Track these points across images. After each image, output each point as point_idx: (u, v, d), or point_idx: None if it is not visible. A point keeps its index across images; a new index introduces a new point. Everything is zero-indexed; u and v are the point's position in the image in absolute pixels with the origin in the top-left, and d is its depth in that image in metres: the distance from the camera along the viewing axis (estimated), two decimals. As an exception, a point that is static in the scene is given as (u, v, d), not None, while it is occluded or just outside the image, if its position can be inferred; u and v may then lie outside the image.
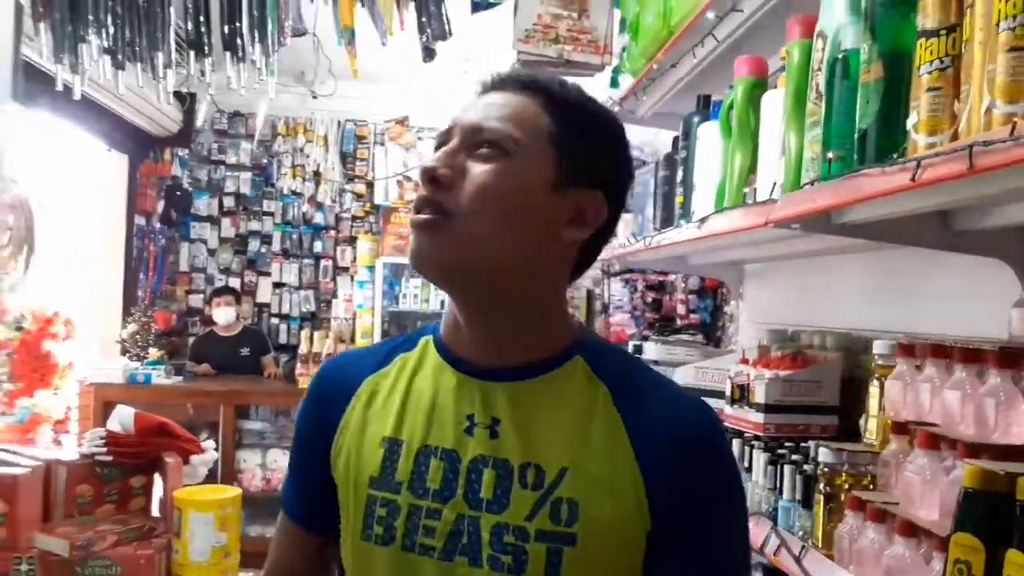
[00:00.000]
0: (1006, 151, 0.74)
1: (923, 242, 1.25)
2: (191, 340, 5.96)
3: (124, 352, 5.37)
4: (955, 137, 0.88)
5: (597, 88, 3.14)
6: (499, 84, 0.88)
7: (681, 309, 6.20)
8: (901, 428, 1.00)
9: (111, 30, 2.66)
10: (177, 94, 5.25)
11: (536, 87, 0.86)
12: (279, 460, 5.28)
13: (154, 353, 5.31)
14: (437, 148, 0.86)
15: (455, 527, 0.81)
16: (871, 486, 1.08)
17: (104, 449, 2.95)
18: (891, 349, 1.12)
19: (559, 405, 0.83)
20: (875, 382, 1.15)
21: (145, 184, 6.15)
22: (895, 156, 0.94)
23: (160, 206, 6.17)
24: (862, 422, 1.20)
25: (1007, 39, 0.79)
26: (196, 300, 6.41)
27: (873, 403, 1.15)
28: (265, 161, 6.44)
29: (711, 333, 5.36)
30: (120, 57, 2.74)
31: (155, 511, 3.15)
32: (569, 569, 0.78)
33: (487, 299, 0.84)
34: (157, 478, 3.22)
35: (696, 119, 1.78)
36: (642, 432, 0.81)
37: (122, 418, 3.11)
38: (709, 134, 1.67)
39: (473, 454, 0.83)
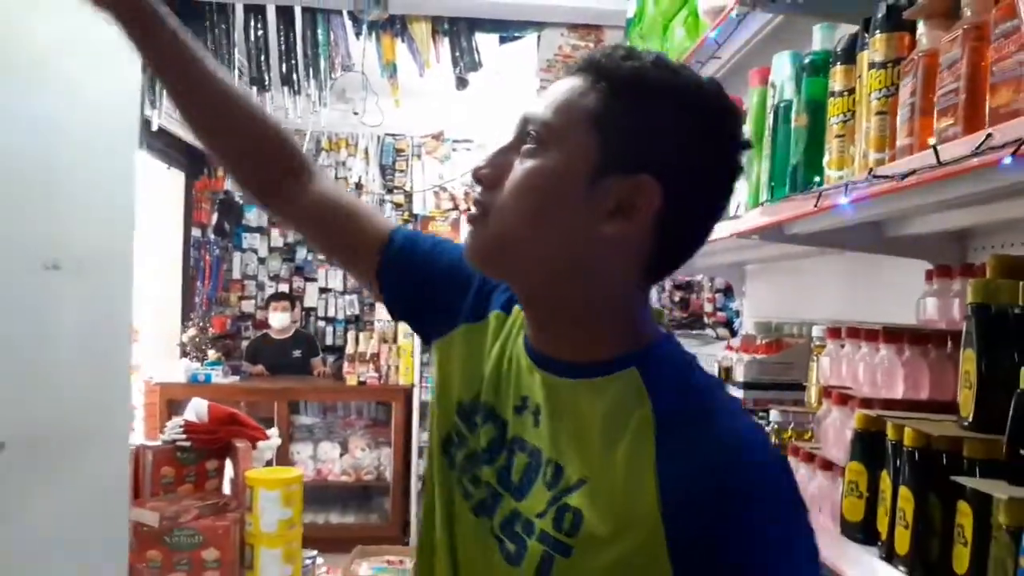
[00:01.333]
0: (866, 188, 1.06)
1: (860, 247, 1.56)
2: (244, 343, 6.40)
3: (184, 354, 5.81)
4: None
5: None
6: (576, 69, 0.81)
7: (708, 307, 6.45)
8: (826, 392, 1.32)
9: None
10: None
11: (591, 64, 0.79)
12: (328, 452, 5.67)
13: (212, 355, 5.75)
14: None
15: (488, 490, 0.82)
16: (811, 439, 1.39)
17: (184, 436, 3.37)
18: (823, 332, 1.43)
19: (595, 413, 0.77)
20: (814, 359, 1.46)
21: (200, 199, 6.61)
22: (811, 186, 1.26)
23: (214, 219, 6.62)
24: (807, 391, 1.51)
25: (875, 106, 1.11)
26: (248, 305, 6.86)
27: (812, 375, 1.46)
28: (310, 174, 6.86)
29: (734, 329, 5.62)
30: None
31: (226, 490, 3.58)
32: None
33: (529, 294, 0.82)
34: (227, 462, 3.66)
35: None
36: (673, 467, 0.71)
37: (197, 409, 3.53)
38: (698, 157, 1.99)
39: (514, 433, 0.82)
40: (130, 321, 1.72)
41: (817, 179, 1.29)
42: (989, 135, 0.78)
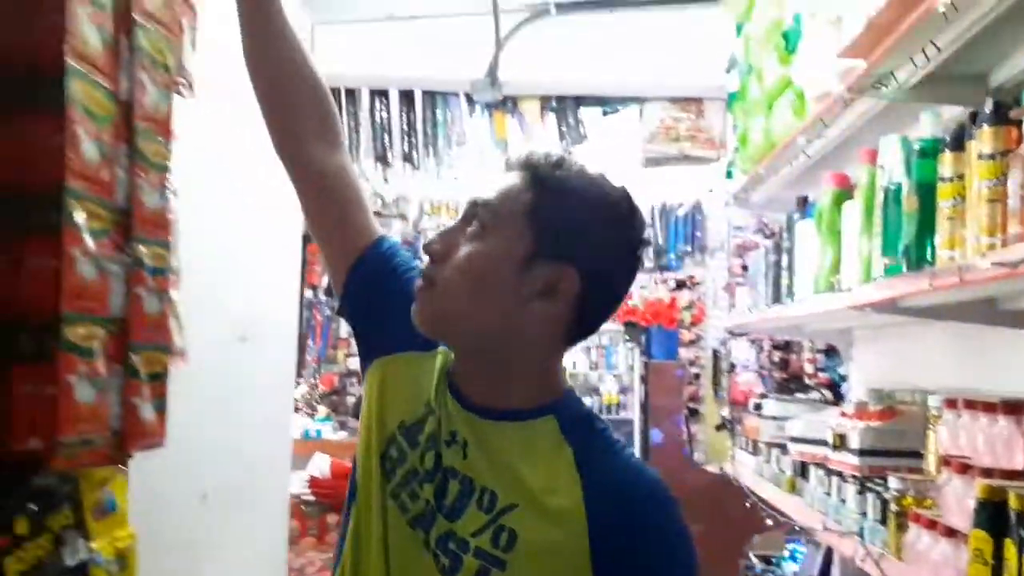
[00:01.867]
0: (987, 271, 1.14)
1: (975, 320, 1.61)
2: (350, 399, 6.66)
3: (296, 410, 6.11)
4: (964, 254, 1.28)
5: (712, 176, 3.57)
6: (514, 166, 0.96)
7: (809, 368, 6.32)
8: (946, 461, 1.37)
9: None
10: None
11: (527, 165, 0.94)
12: (430, 508, 5.81)
13: (322, 411, 6.03)
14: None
15: (424, 508, 0.91)
16: (931, 506, 1.44)
17: (308, 491, 3.58)
18: (941, 402, 1.48)
19: (523, 450, 0.92)
20: (932, 428, 1.51)
21: (312, 260, 7.01)
22: (923, 264, 1.35)
23: (324, 280, 7.00)
24: (926, 459, 1.56)
25: (985, 194, 1.20)
26: (354, 363, 7.16)
27: (931, 444, 1.51)
28: (414, 237, 7.19)
29: (839, 392, 5.49)
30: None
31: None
32: None
33: (465, 353, 0.96)
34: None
35: (796, 216, 2.20)
36: (597, 498, 0.89)
37: (320, 465, 3.75)
38: (806, 229, 2.08)
39: (448, 463, 0.93)
40: (292, 384, 1.93)
41: (929, 258, 1.37)
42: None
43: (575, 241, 0.92)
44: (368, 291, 1.03)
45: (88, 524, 0.84)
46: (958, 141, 1.32)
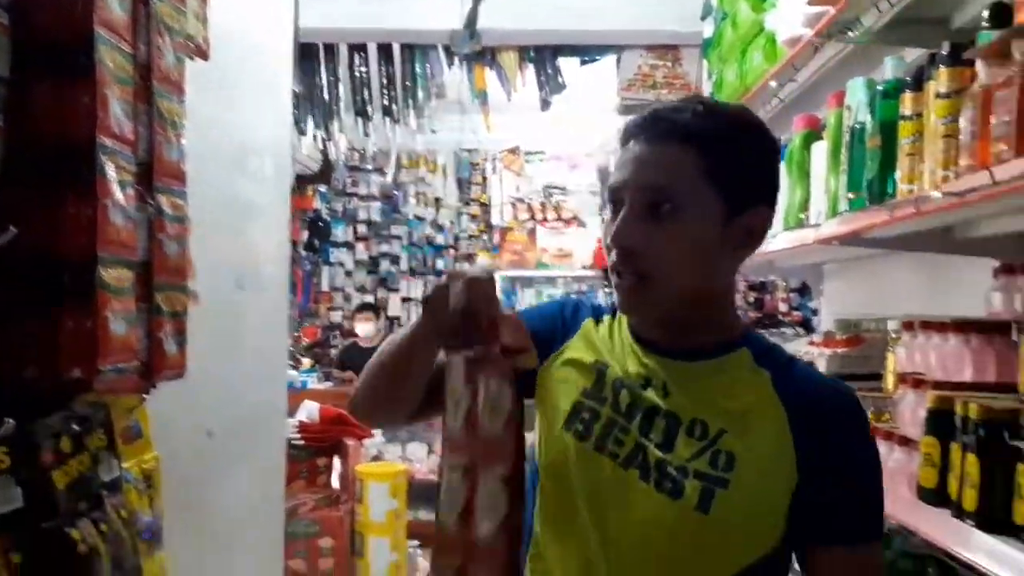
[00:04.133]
0: (940, 201, 1.24)
1: (933, 249, 1.73)
2: (332, 351, 6.77)
3: (282, 363, 6.19)
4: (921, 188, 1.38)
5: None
6: (646, 134, 0.95)
7: (783, 307, 6.51)
8: (902, 378, 1.49)
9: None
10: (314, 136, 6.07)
11: (681, 131, 0.94)
12: (416, 452, 5.95)
13: (306, 363, 6.12)
14: (612, 203, 0.98)
15: (634, 446, 0.96)
16: (888, 419, 1.57)
17: (298, 436, 3.69)
18: (899, 326, 1.60)
19: (725, 383, 0.97)
20: (891, 350, 1.63)
21: (293, 217, 7.03)
22: (886, 199, 1.45)
23: (304, 235, 7.03)
24: (884, 378, 1.68)
25: (941, 130, 1.29)
26: (336, 316, 7.25)
27: (889, 364, 1.63)
28: (392, 190, 7.22)
29: (812, 327, 5.67)
30: (302, 125, 3.49)
31: (334, 484, 3.88)
32: (719, 505, 0.92)
33: (673, 316, 0.99)
34: (335, 459, 3.95)
35: (768, 158, 2.29)
36: (796, 408, 0.95)
37: (309, 411, 3.86)
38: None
39: (648, 403, 0.97)
40: (286, 333, 2.01)
41: (890, 192, 1.47)
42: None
43: (758, 184, 0.98)
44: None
45: (118, 447, 0.93)
46: (918, 82, 1.41)
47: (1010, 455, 1.10)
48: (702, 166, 0.93)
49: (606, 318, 1.06)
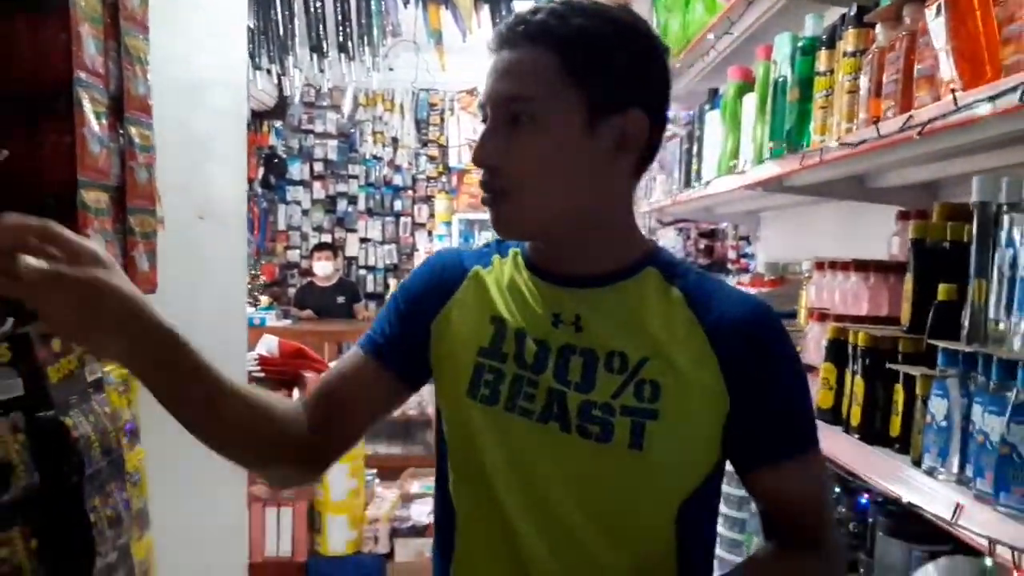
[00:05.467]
0: (836, 151, 1.38)
1: (847, 196, 1.89)
2: (291, 290, 6.84)
3: (239, 300, 6.24)
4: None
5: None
6: (506, 40, 0.89)
7: (732, 254, 6.75)
8: (811, 313, 1.66)
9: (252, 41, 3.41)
10: (268, 71, 6.02)
11: (538, 32, 0.87)
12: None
13: (264, 300, 6.18)
14: (483, 119, 0.92)
15: (548, 398, 0.90)
16: (800, 351, 1.75)
17: (258, 368, 3.79)
18: (811, 266, 1.77)
19: (636, 307, 0.92)
20: (803, 287, 1.81)
21: (247, 153, 6.99)
22: (800, 148, 1.59)
23: (260, 173, 7.01)
24: (798, 314, 1.86)
25: (847, 86, 1.43)
26: (293, 255, 7.28)
27: (802, 301, 1.81)
28: (349, 129, 7.21)
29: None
30: (257, 60, 3.50)
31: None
32: (652, 439, 0.87)
33: (556, 237, 0.94)
34: (295, 392, 4.08)
35: (706, 107, 2.42)
36: (714, 325, 0.90)
37: (268, 345, 3.95)
38: (714, 119, 2.30)
39: (560, 343, 0.91)
40: (245, 267, 2.10)
41: (806, 143, 1.61)
42: (910, 116, 1.10)
43: (627, 82, 0.89)
44: (416, 357, 0.99)
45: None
46: (831, 40, 1.54)
47: (889, 378, 1.27)
48: (558, 66, 0.87)
49: (495, 259, 0.99)
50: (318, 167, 7.27)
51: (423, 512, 3.74)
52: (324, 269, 6.25)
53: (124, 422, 0.98)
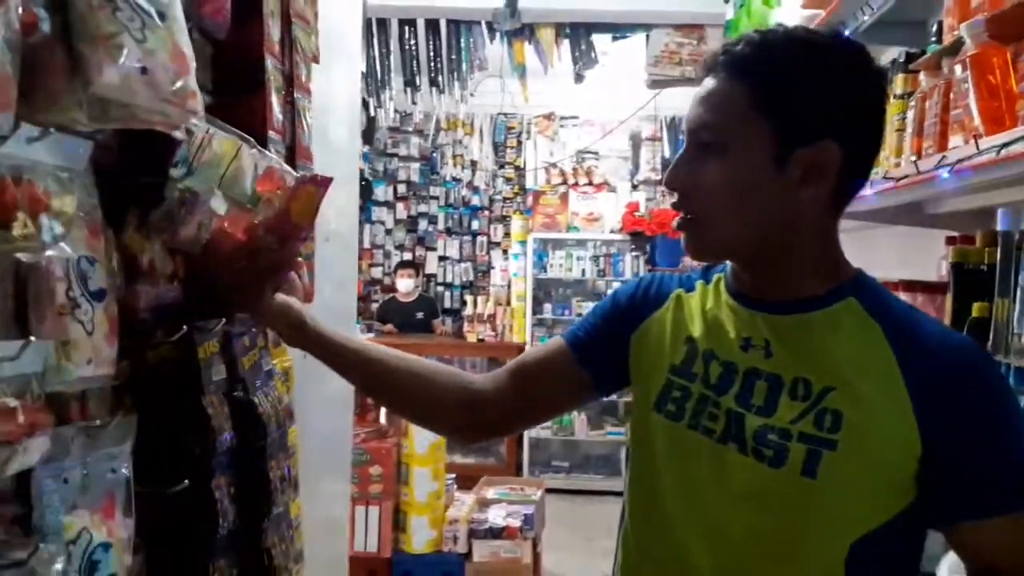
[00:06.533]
0: (882, 184, 1.55)
1: (906, 222, 2.04)
2: (374, 305, 7.19)
3: (327, 314, 6.60)
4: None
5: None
6: (710, 68, 0.91)
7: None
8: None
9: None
10: (364, 102, 6.41)
11: (734, 63, 0.88)
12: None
13: (349, 315, 6.53)
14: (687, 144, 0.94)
15: (727, 419, 0.91)
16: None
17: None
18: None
19: (828, 336, 0.89)
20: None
21: (335, 176, 7.39)
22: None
23: (347, 194, 7.39)
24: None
25: (896, 125, 1.60)
26: (376, 272, 7.65)
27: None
28: (431, 153, 7.56)
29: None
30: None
31: (382, 419, 4.28)
32: (827, 469, 0.84)
33: (752, 261, 0.94)
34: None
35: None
36: (912, 365, 0.85)
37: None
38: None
39: (747, 366, 0.92)
40: (355, 285, 2.37)
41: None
42: (943, 156, 1.28)
43: (816, 114, 0.87)
44: (601, 361, 1.06)
45: (270, 349, 1.29)
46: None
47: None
48: (750, 98, 0.87)
49: (698, 284, 1.03)
50: (401, 188, 7.64)
51: (499, 516, 3.95)
52: (406, 286, 6.56)
53: (285, 404, 1.24)
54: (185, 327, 0.98)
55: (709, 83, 0.91)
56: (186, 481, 0.93)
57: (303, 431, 1.43)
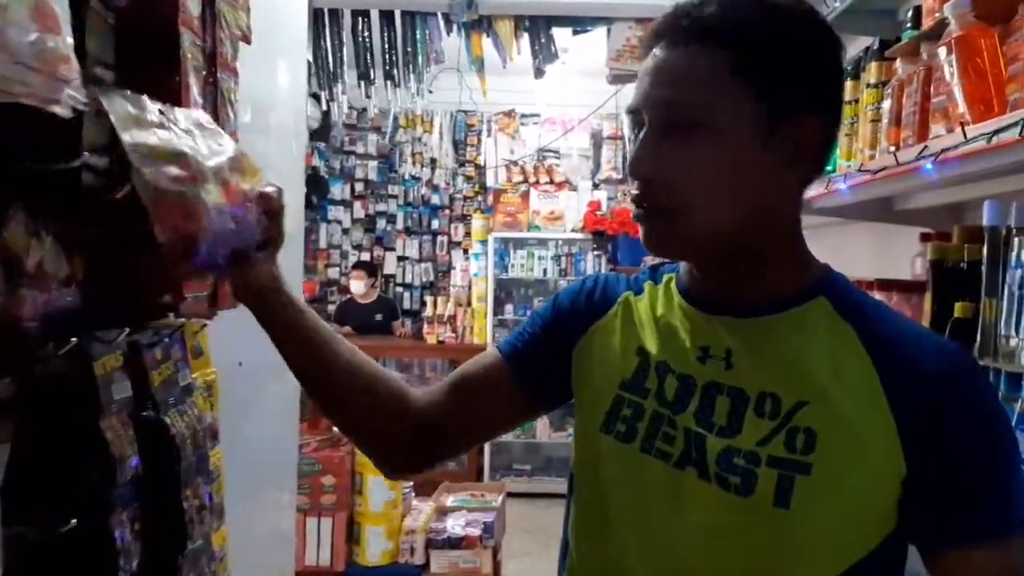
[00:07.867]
0: (858, 176, 1.47)
1: (875, 218, 1.96)
2: (330, 306, 7.01)
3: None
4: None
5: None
6: (664, 39, 0.79)
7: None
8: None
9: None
10: (315, 95, 6.23)
11: (706, 28, 0.76)
12: (411, 405, 6.25)
13: (305, 317, 6.36)
14: (632, 125, 0.82)
15: (686, 440, 0.80)
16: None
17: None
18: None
19: (797, 342, 0.79)
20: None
21: (291, 174, 7.21)
22: (827, 173, 1.68)
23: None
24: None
25: (870, 115, 1.51)
26: (333, 272, 7.47)
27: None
28: (389, 150, 7.40)
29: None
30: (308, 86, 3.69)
31: (335, 428, 4.14)
32: (801, 497, 0.74)
33: (714, 260, 0.83)
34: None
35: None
36: (892, 373, 0.76)
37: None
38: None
39: (706, 380, 0.81)
40: (301, 284, 2.24)
41: (832, 168, 1.70)
42: (925, 146, 1.19)
43: (804, 83, 0.77)
44: (539, 376, 0.95)
45: (189, 361, 1.16)
46: (856, 72, 1.63)
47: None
48: (731, 65, 0.75)
49: (647, 286, 0.91)
50: (358, 187, 7.47)
51: (458, 524, 3.83)
52: (358, 287, 6.41)
53: (208, 423, 1.10)
54: (75, 339, 0.84)
55: (670, 54, 0.78)
56: (74, 520, 0.80)
57: (241, 441, 1.30)
